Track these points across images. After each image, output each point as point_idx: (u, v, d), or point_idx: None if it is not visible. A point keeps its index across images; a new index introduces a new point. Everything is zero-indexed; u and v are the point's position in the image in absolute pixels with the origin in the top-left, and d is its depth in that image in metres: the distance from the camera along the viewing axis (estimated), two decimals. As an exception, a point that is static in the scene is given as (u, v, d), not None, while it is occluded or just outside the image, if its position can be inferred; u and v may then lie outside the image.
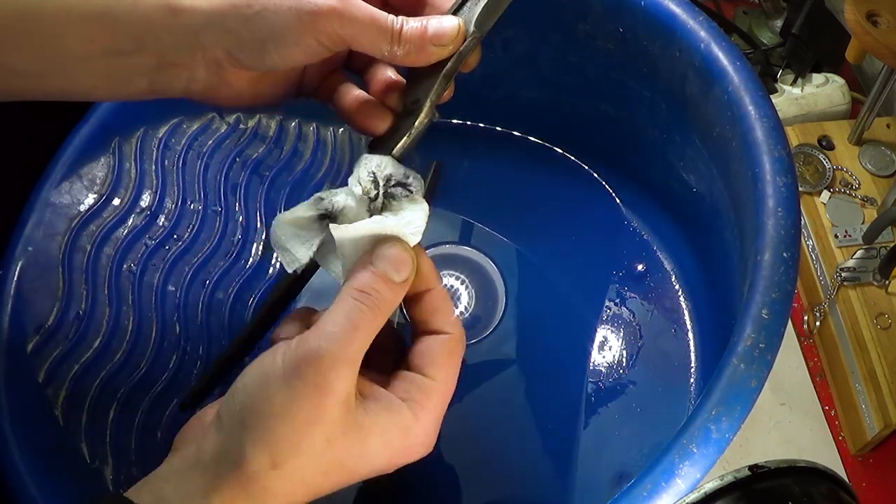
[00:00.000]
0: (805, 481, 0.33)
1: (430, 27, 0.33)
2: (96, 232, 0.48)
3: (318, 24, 0.31)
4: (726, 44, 0.44)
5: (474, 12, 0.35)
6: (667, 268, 0.56)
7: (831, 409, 0.56)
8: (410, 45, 0.33)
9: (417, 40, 0.33)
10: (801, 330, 0.60)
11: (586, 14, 0.50)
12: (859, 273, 0.55)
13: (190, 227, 0.53)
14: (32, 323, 0.45)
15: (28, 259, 0.45)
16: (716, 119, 0.45)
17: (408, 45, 0.33)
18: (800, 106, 0.67)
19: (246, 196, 0.55)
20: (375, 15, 0.32)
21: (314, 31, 0.31)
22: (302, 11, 0.31)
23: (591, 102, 0.56)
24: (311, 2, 0.31)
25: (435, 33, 0.33)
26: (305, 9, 0.31)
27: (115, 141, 0.50)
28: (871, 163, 0.61)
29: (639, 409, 0.51)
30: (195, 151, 0.54)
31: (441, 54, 0.34)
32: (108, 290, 0.48)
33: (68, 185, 0.48)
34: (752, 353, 0.34)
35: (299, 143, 0.59)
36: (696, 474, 0.32)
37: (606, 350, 0.54)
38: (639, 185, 0.58)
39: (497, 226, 0.59)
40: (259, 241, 0.55)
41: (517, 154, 0.62)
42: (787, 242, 0.37)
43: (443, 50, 0.34)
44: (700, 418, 0.33)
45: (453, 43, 0.34)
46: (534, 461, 0.50)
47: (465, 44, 0.34)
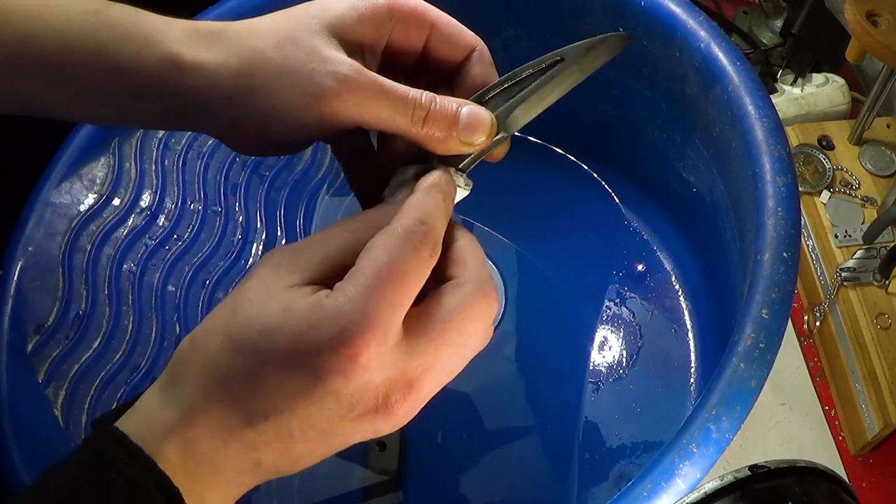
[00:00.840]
0: (805, 481, 0.33)
1: (462, 116, 0.30)
2: (96, 232, 0.48)
3: (325, 107, 0.29)
4: (726, 44, 0.44)
5: (506, 109, 0.31)
6: (667, 268, 0.56)
7: (831, 409, 0.56)
8: (434, 130, 0.30)
9: (445, 127, 0.30)
10: (801, 330, 0.60)
11: (586, 14, 0.50)
12: (859, 273, 0.55)
13: (190, 227, 0.53)
14: (32, 323, 0.45)
15: (28, 259, 0.45)
16: (716, 119, 0.45)
17: (431, 129, 0.30)
18: (800, 106, 0.67)
19: (246, 196, 0.55)
20: (394, 92, 0.29)
21: (319, 114, 0.29)
22: (306, 94, 0.28)
23: (590, 102, 0.56)
24: (317, 82, 0.28)
25: (467, 125, 0.30)
26: (310, 91, 0.28)
27: (115, 141, 0.50)
28: (871, 163, 0.61)
29: (639, 409, 0.51)
30: (195, 151, 0.54)
31: (463, 150, 0.30)
32: (108, 290, 0.48)
33: (68, 185, 0.48)
34: (752, 353, 0.34)
35: (299, 143, 0.59)
36: (696, 474, 0.32)
37: (606, 350, 0.54)
38: (639, 185, 0.58)
39: (497, 226, 0.59)
40: (259, 241, 0.55)
41: (517, 154, 0.62)
42: (787, 242, 0.37)
43: (467, 147, 0.30)
44: (700, 418, 0.33)
45: (481, 142, 0.30)
46: (534, 461, 0.50)
47: (491, 142, 0.31)
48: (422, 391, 0.28)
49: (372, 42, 0.31)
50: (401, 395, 0.27)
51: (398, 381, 0.27)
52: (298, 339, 0.25)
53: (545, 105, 0.32)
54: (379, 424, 0.27)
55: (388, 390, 0.26)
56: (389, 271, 0.26)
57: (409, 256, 0.26)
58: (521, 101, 0.32)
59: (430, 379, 0.28)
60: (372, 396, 0.26)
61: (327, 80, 0.28)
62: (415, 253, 0.27)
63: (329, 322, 0.25)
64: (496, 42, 0.56)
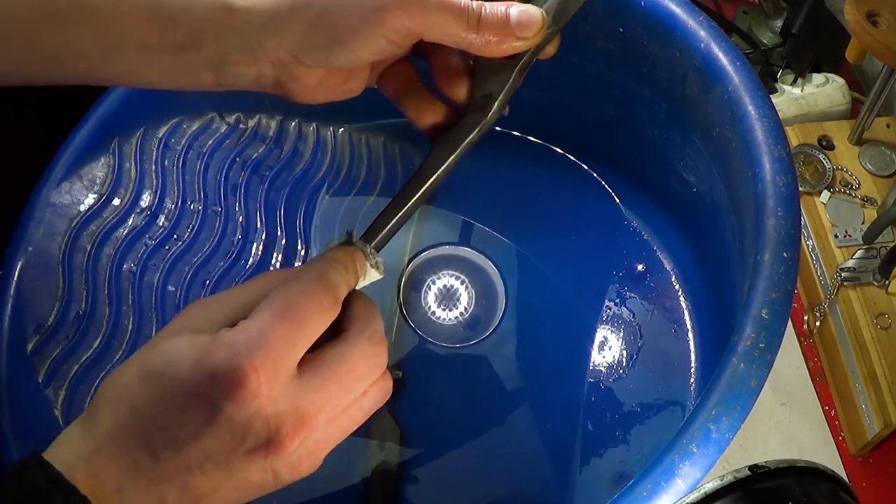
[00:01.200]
0: (805, 481, 0.33)
1: (513, 16, 0.30)
2: (96, 232, 0.48)
3: (386, 20, 0.29)
4: (726, 44, 0.44)
5: (552, 2, 0.32)
6: (667, 268, 0.56)
7: (831, 409, 0.56)
8: (489, 32, 0.30)
9: (498, 30, 0.30)
10: (801, 330, 0.60)
11: (587, 14, 0.50)
12: (859, 273, 0.55)
13: (190, 227, 0.53)
14: (32, 323, 0.45)
15: (28, 259, 0.45)
16: (716, 119, 0.45)
17: (486, 32, 0.30)
18: (800, 106, 0.67)
19: (246, 196, 0.55)
20: (449, 1, 0.30)
21: (382, 28, 0.29)
22: (367, 9, 0.29)
23: (591, 102, 0.56)
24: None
25: (518, 23, 0.30)
26: (370, 6, 0.29)
27: (115, 141, 0.50)
28: (871, 163, 0.61)
29: (639, 409, 0.51)
30: (195, 151, 0.54)
31: (520, 48, 0.31)
32: (108, 290, 0.48)
33: (68, 185, 0.48)
34: (752, 353, 0.34)
35: (299, 143, 0.59)
36: (696, 474, 0.32)
37: (606, 350, 0.54)
38: (639, 185, 0.58)
39: (497, 226, 0.59)
40: (259, 241, 0.55)
41: (517, 154, 0.62)
42: (787, 242, 0.37)
43: (523, 43, 0.31)
44: (700, 418, 0.33)
45: (535, 37, 0.31)
46: (534, 461, 0.50)
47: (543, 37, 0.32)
48: (315, 430, 0.28)
49: None
50: (292, 429, 0.28)
51: (289, 414, 0.28)
52: (197, 367, 0.27)
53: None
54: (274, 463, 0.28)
55: (279, 422, 0.27)
56: (285, 311, 0.28)
57: (305, 301, 0.28)
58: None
59: (324, 418, 0.29)
60: (263, 427, 0.27)
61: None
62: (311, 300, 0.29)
63: (224, 349, 0.27)
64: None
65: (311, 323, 0.29)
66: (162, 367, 0.27)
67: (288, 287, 0.29)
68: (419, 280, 0.57)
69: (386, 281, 0.57)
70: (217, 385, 0.26)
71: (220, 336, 0.27)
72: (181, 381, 0.27)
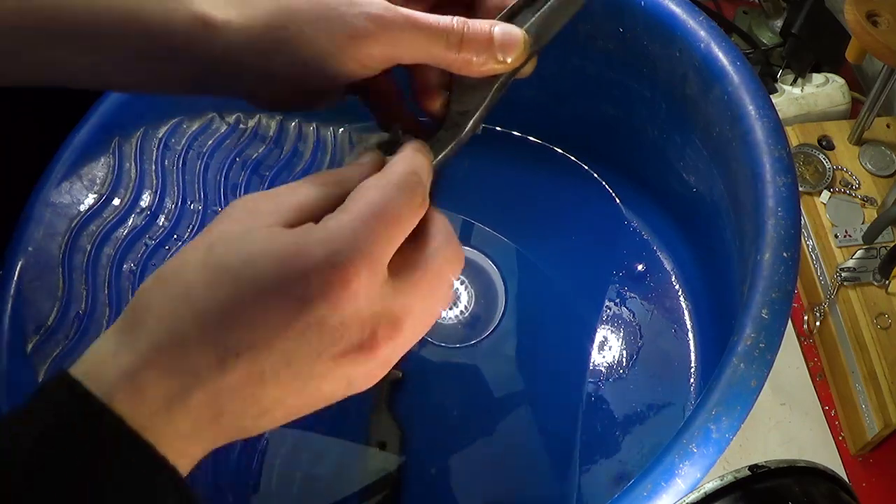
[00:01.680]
0: (805, 481, 0.33)
1: (496, 37, 0.30)
2: (96, 232, 0.48)
3: (361, 47, 0.29)
4: (726, 44, 0.44)
5: (532, 23, 0.32)
6: (667, 268, 0.56)
7: (831, 409, 0.56)
8: (471, 54, 0.30)
9: (480, 49, 0.30)
10: (801, 330, 0.60)
11: (586, 14, 0.50)
12: (859, 273, 0.55)
13: (190, 228, 0.53)
14: (32, 323, 0.45)
15: (28, 259, 0.45)
16: (716, 119, 0.45)
17: (468, 53, 0.30)
18: (800, 106, 0.67)
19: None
20: (426, 24, 0.29)
21: (357, 55, 0.29)
22: (342, 35, 0.29)
23: (591, 102, 0.56)
24: (350, 24, 0.28)
25: (501, 44, 0.30)
26: (343, 34, 0.29)
27: (115, 141, 0.50)
28: (871, 163, 0.61)
29: (639, 409, 0.51)
30: (195, 151, 0.54)
31: (500, 70, 0.31)
32: (108, 290, 0.48)
33: (68, 185, 0.48)
34: (752, 353, 0.34)
35: (299, 143, 0.59)
36: (696, 474, 0.32)
37: (606, 350, 0.54)
38: (639, 185, 0.58)
39: (497, 226, 0.59)
40: (259, 241, 0.55)
41: (517, 154, 0.62)
42: (787, 242, 0.37)
43: (503, 66, 0.31)
44: (700, 418, 0.33)
45: (517, 59, 0.31)
46: (534, 461, 0.50)
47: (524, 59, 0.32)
48: (404, 333, 0.27)
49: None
50: (386, 333, 0.26)
51: (384, 317, 0.26)
52: (285, 264, 0.24)
53: (571, 13, 0.33)
54: (358, 369, 0.26)
55: (375, 325, 0.25)
56: (383, 209, 0.26)
57: (403, 200, 0.27)
58: (548, 14, 0.32)
59: (412, 322, 0.27)
60: (358, 329, 0.25)
61: (359, 21, 0.28)
62: (408, 197, 0.27)
63: (319, 247, 0.24)
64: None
65: (406, 221, 0.27)
66: (236, 265, 0.24)
67: (382, 184, 0.27)
68: (419, 280, 0.57)
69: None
70: (312, 284, 0.24)
71: (308, 231, 0.25)
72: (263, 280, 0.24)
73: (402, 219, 0.27)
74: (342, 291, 0.24)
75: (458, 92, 0.33)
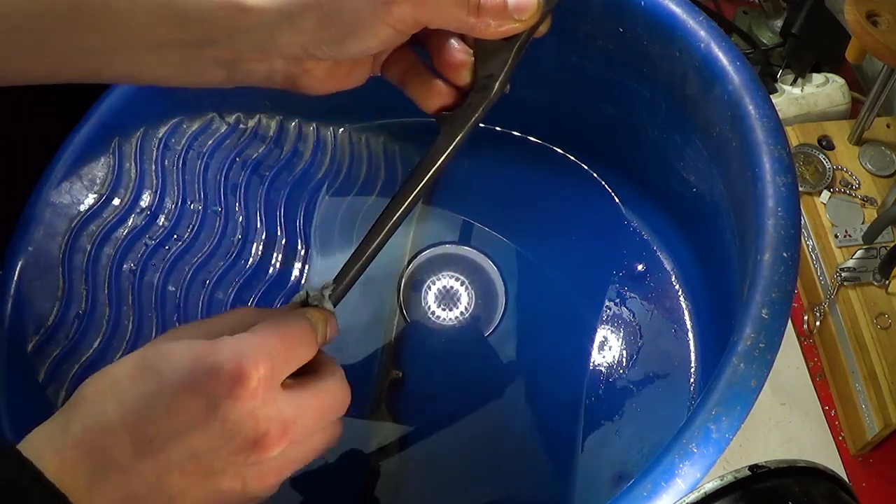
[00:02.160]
0: (805, 481, 0.33)
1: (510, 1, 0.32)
2: (96, 232, 0.48)
3: (394, 12, 0.31)
4: (726, 44, 0.44)
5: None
6: (667, 268, 0.56)
7: (831, 409, 0.56)
8: (489, 18, 0.32)
9: (497, 13, 0.32)
10: (801, 330, 0.60)
11: (586, 14, 0.50)
12: (859, 273, 0.55)
13: (190, 227, 0.53)
14: (32, 323, 0.45)
15: (28, 259, 0.45)
16: (716, 119, 0.45)
17: (486, 17, 0.32)
18: (800, 106, 0.67)
19: (246, 196, 0.55)
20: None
21: (390, 19, 0.31)
22: (376, 2, 0.30)
23: (590, 102, 0.56)
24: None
25: (516, 6, 0.32)
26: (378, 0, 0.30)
27: (115, 141, 0.50)
28: (871, 163, 0.61)
29: (639, 409, 0.51)
30: (195, 151, 0.54)
31: (518, 29, 0.33)
32: (108, 290, 0.48)
33: (68, 185, 0.48)
34: (752, 352, 0.34)
35: (299, 143, 0.59)
36: (696, 474, 0.32)
37: (606, 350, 0.54)
38: (639, 185, 0.58)
39: (497, 226, 0.59)
40: (259, 241, 0.55)
41: (517, 154, 0.62)
42: (787, 242, 0.37)
43: (521, 25, 0.33)
44: (700, 418, 0.33)
45: (532, 18, 0.33)
46: (534, 461, 0.50)
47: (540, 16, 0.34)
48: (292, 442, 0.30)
49: None
50: (277, 435, 0.29)
51: (276, 420, 0.29)
52: (198, 362, 0.28)
53: None
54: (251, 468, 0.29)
55: (268, 426, 0.29)
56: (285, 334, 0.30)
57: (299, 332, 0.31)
58: None
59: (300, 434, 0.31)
60: (252, 427, 0.28)
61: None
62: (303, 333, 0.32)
63: (227, 349, 0.28)
64: (496, 42, 0.56)
65: (302, 350, 0.32)
66: (158, 362, 0.28)
67: (282, 318, 0.32)
68: (419, 280, 0.57)
69: (386, 281, 0.57)
70: (219, 381, 0.27)
71: (222, 339, 0.29)
72: (179, 376, 0.28)
73: (300, 347, 0.31)
74: (244, 388, 0.28)
75: (481, 58, 0.35)
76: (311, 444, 0.32)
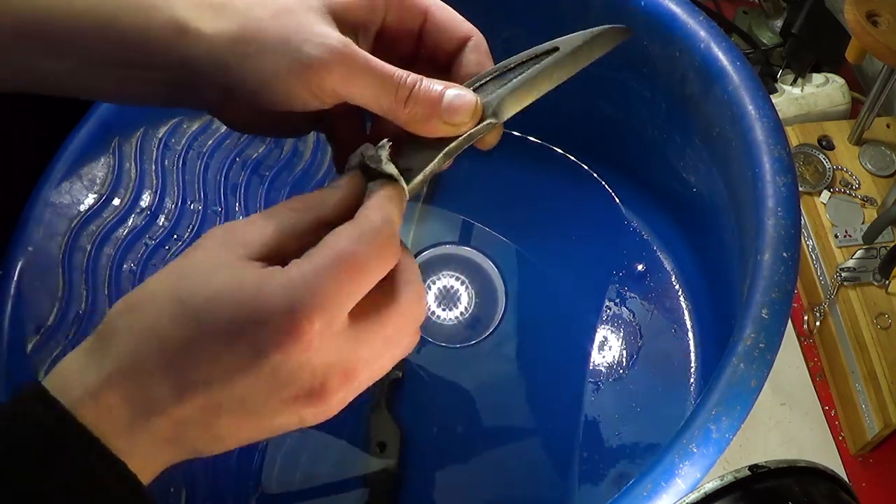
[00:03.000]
0: (805, 481, 0.33)
1: (445, 97, 0.30)
2: (96, 232, 0.48)
3: (312, 77, 0.29)
4: (726, 44, 0.44)
5: (497, 95, 0.31)
6: (667, 268, 0.56)
7: (831, 409, 0.56)
8: (417, 109, 0.30)
9: (426, 107, 0.30)
10: (801, 330, 0.60)
11: (586, 15, 0.50)
12: (859, 273, 0.55)
13: (190, 227, 0.53)
14: (32, 323, 0.45)
15: (28, 259, 0.45)
16: (716, 119, 0.45)
17: (414, 109, 0.30)
18: (800, 106, 0.67)
19: (246, 196, 0.55)
20: (380, 70, 0.29)
21: (307, 84, 0.29)
22: (297, 62, 0.29)
23: (590, 102, 0.56)
24: (306, 52, 0.29)
25: (448, 107, 0.30)
26: (299, 59, 0.29)
27: (115, 141, 0.50)
28: (871, 163, 0.61)
29: (639, 409, 0.51)
30: (195, 151, 0.54)
31: (446, 132, 0.31)
32: (108, 289, 0.48)
33: (68, 185, 0.48)
34: (752, 353, 0.34)
35: (299, 143, 0.59)
36: (696, 474, 0.32)
37: (606, 350, 0.54)
38: (639, 185, 0.58)
39: (497, 226, 0.59)
40: (259, 241, 0.55)
41: (517, 154, 0.62)
42: (787, 242, 0.37)
43: (450, 129, 0.30)
44: (700, 418, 0.33)
45: (465, 125, 0.30)
46: (534, 461, 0.50)
47: (477, 127, 0.31)
48: (356, 382, 0.28)
49: (366, 22, 0.32)
50: (338, 383, 0.27)
51: (337, 367, 0.27)
52: (244, 309, 0.25)
53: (537, 94, 0.32)
54: (309, 410, 0.27)
55: (326, 376, 0.26)
56: (350, 260, 0.26)
57: (372, 252, 0.27)
58: (513, 89, 0.32)
59: (366, 372, 0.28)
60: (308, 378, 0.26)
61: (316, 51, 0.29)
62: (378, 249, 0.27)
63: (279, 295, 0.25)
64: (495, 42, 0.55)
65: (373, 275, 0.27)
66: (200, 303, 0.25)
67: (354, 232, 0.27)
68: (419, 280, 0.57)
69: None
70: (267, 332, 0.25)
71: (272, 275, 0.25)
72: (223, 322, 0.25)
73: (369, 271, 0.27)
74: (295, 342, 0.25)
75: (407, 147, 0.32)
76: (380, 366, 0.29)
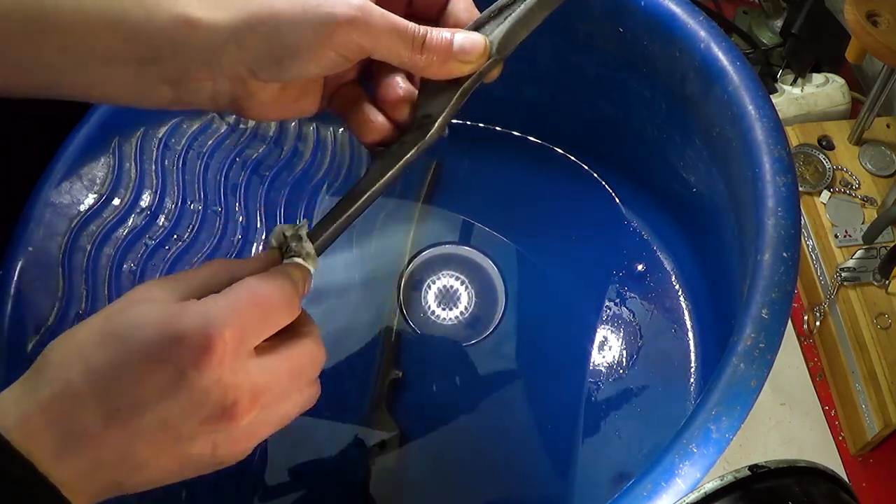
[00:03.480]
0: (805, 481, 0.33)
1: (455, 41, 0.33)
2: (96, 232, 0.48)
3: (337, 35, 0.30)
4: (726, 44, 0.44)
5: (497, 33, 0.34)
6: (667, 268, 0.56)
7: (831, 409, 0.56)
8: (433, 55, 0.32)
9: (441, 52, 0.32)
10: (801, 330, 0.60)
11: (586, 14, 0.50)
12: (859, 273, 0.55)
13: (190, 227, 0.53)
14: (32, 323, 0.45)
15: (28, 259, 0.45)
16: (716, 119, 0.45)
17: (430, 55, 0.32)
18: (800, 106, 0.67)
19: (246, 196, 0.55)
20: (396, 23, 0.32)
21: (332, 43, 0.31)
22: (319, 24, 0.30)
23: (591, 102, 0.56)
24: (329, 12, 0.30)
25: (461, 48, 0.33)
26: (323, 21, 0.30)
27: (115, 141, 0.50)
28: (871, 163, 0.61)
29: (639, 409, 0.51)
30: (195, 151, 0.54)
31: (462, 71, 0.33)
32: (108, 289, 0.48)
33: (68, 185, 0.48)
34: (752, 352, 0.34)
35: (299, 143, 0.59)
36: (696, 474, 0.32)
37: (606, 350, 0.54)
38: (639, 185, 0.58)
39: (497, 226, 0.59)
40: (259, 241, 0.55)
41: (517, 154, 0.62)
42: (787, 242, 0.37)
43: (465, 66, 0.33)
44: (700, 418, 0.33)
45: (477, 61, 0.33)
46: (534, 461, 0.50)
47: (486, 64, 0.34)
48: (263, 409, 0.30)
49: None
50: (247, 403, 0.29)
51: (246, 388, 0.29)
52: (163, 330, 0.27)
53: (533, 25, 0.35)
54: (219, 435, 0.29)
55: (237, 395, 0.28)
56: (260, 300, 0.29)
57: (280, 296, 0.30)
58: (510, 26, 0.34)
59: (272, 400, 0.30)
60: (220, 396, 0.28)
61: (340, 9, 0.30)
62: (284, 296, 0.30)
63: (195, 318, 0.27)
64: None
65: (279, 316, 0.30)
66: (124, 329, 0.27)
67: (263, 279, 0.30)
68: (419, 280, 0.57)
69: (386, 281, 0.57)
70: (183, 350, 0.27)
71: (189, 304, 0.28)
72: (145, 343, 0.27)
73: (276, 311, 0.30)
74: (209, 358, 0.27)
75: (423, 97, 0.35)
76: (286, 407, 0.32)
